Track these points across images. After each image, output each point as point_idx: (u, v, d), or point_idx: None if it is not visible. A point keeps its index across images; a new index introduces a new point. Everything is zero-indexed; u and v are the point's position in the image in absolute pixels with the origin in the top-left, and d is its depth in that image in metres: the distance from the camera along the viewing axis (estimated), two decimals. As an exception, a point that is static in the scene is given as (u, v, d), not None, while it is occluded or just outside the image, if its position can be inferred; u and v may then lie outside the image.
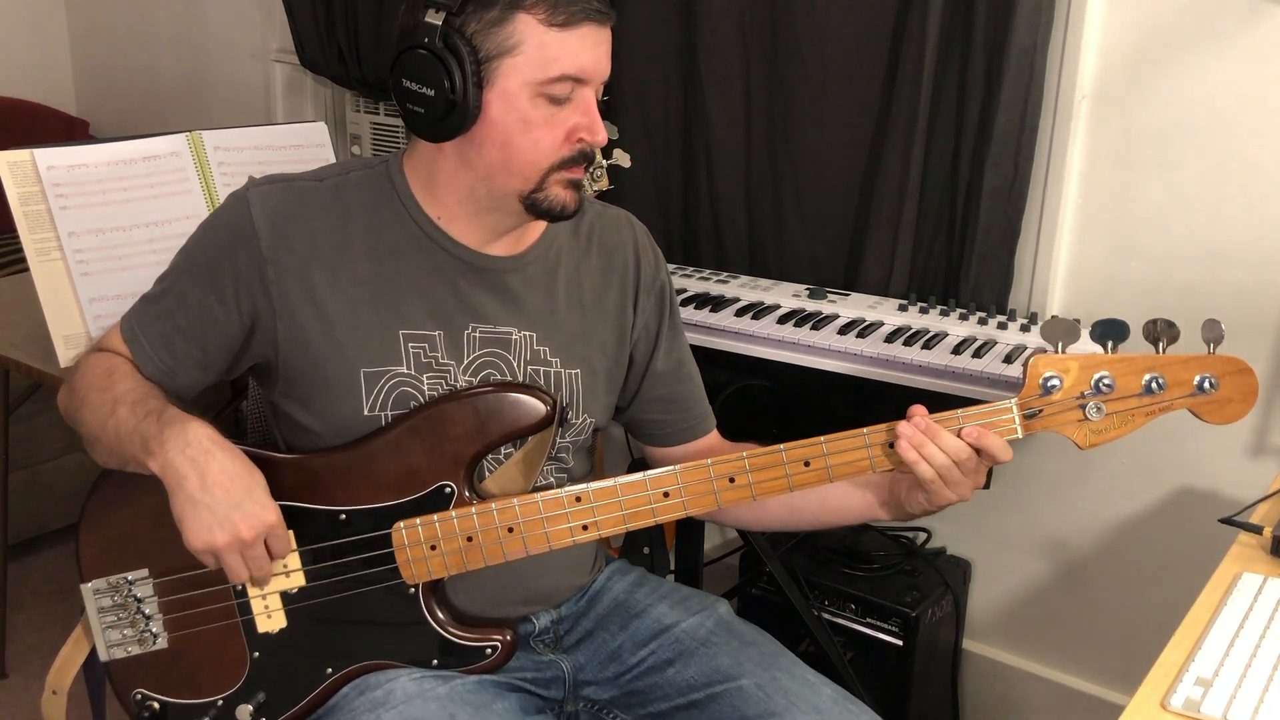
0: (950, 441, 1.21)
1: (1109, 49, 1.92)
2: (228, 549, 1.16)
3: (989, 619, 2.29)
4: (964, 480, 1.23)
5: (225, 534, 1.15)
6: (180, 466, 1.15)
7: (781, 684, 1.30)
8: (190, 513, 1.15)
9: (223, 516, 1.15)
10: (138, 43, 3.58)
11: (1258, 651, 1.12)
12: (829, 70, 2.11)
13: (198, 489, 1.15)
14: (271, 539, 1.20)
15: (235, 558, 1.18)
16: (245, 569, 1.19)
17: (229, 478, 1.16)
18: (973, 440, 1.21)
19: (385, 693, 1.25)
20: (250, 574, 1.20)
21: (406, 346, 1.28)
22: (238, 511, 1.16)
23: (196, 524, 1.15)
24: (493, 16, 1.18)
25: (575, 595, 1.45)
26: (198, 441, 1.16)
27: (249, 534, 1.16)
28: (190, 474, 1.15)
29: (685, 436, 1.48)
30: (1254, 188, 1.84)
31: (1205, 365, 1.21)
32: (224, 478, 1.16)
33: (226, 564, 1.18)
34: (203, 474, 1.15)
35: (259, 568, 1.20)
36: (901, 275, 2.09)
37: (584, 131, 1.23)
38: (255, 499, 1.17)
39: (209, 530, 1.15)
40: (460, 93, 1.18)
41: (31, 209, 1.80)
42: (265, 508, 1.18)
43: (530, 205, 1.26)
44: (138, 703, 1.30)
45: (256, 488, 1.18)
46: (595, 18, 1.20)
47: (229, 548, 1.16)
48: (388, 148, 2.97)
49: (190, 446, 1.16)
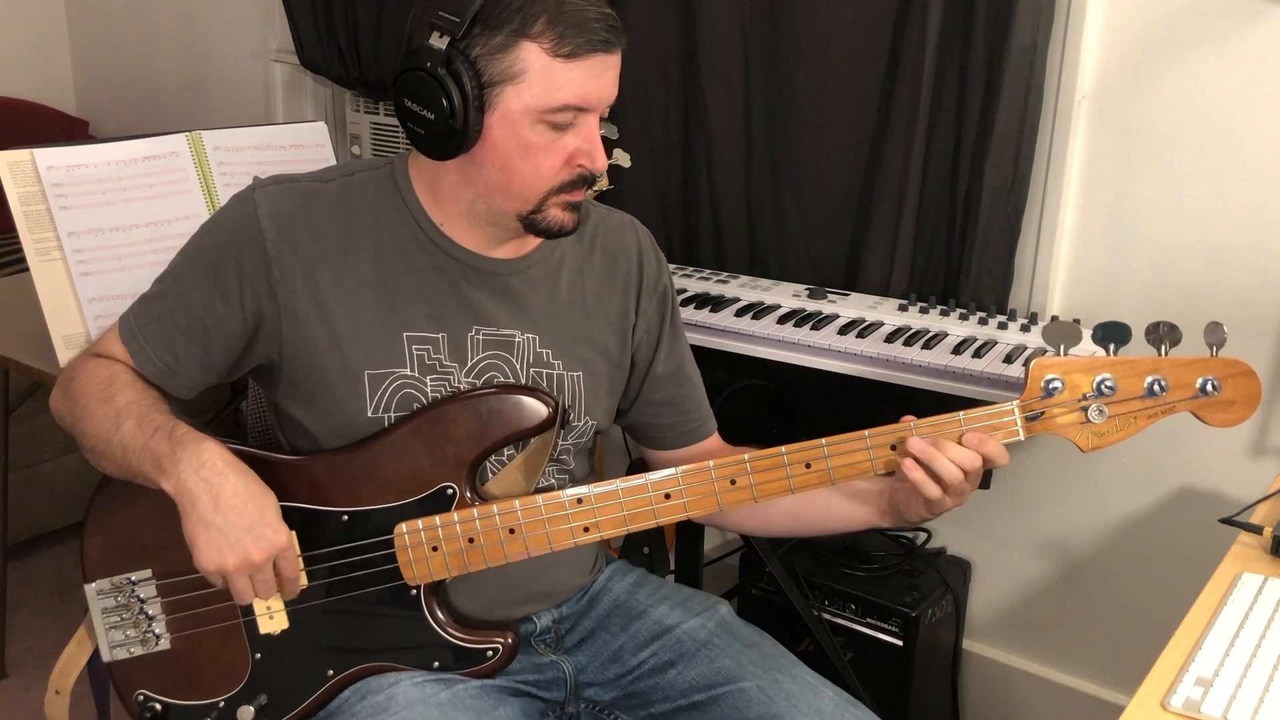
0: (959, 454, 1.20)
1: (1109, 49, 1.92)
2: (237, 571, 1.16)
3: (989, 619, 2.29)
4: (965, 488, 1.23)
5: (236, 556, 1.15)
6: (194, 487, 1.15)
7: (783, 686, 1.30)
8: (202, 534, 1.15)
9: (234, 540, 1.15)
10: (138, 43, 3.57)
11: (1258, 652, 1.12)
12: (829, 70, 2.11)
13: (210, 510, 1.15)
14: (281, 561, 1.20)
15: (244, 580, 1.18)
16: (251, 591, 1.19)
17: (241, 500, 1.16)
18: (974, 447, 1.21)
19: (387, 698, 1.25)
20: (257, 595, 1.20)
21: (410, 348, 1.28)
22: (249, 535, 1.16)
23: (209, 546, 1.15)
24: (498, 43, 1.17)
25: (576, 595, 1.45)
26: (211, 463, 1.16)
27: (259, 557, 1.16)
28: (203, 495, 1.15)
29: (685, 440, 1.48)
30: (1254, 188, 1.84)
31: (1208, 368, 1.21)
32: (236, 500, 1.16)
33: (234, 586, 1.18)
34: (216, 495, 1.15)
35: (266, 590, 1.20)
36: (901, 275, 2.09)
37: (584, 158, 1.23)
38: (267, 521, 1.17)
39: (220, 553, 1.15)
40: (460, 118, 1.18)
41: (31, 209, 1.80)
42: (277, 531, 1.18)
43: (529, 225, 1.26)
44: (140, 704, 1.30)
45: (269, 510, 1.18)
46: (603, 48, 1.19)
47: (239, 570, 1.16)
48: (388, 148, 2.97)
49: (204, 468, 1.16)
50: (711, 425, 1.50)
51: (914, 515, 1.28)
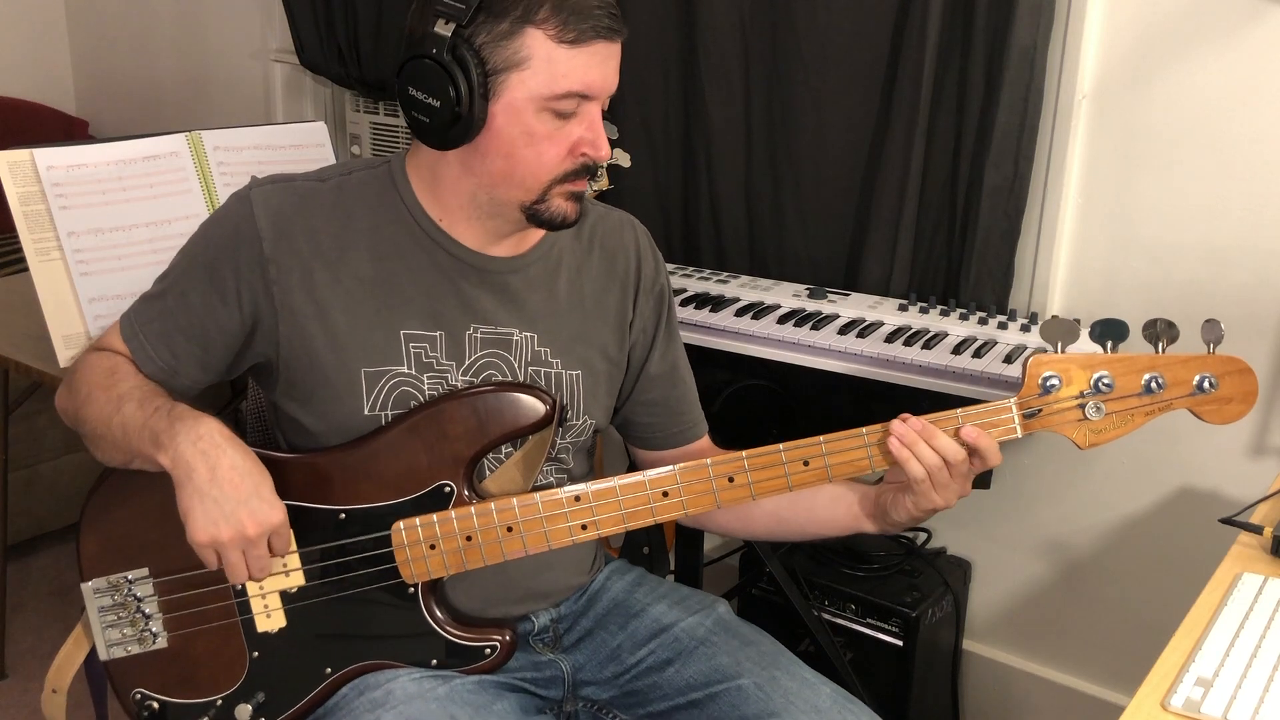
0: (945, 443, 1.21)
1: (1109, 49, 1.92)
2: (231, 544, 1.16)
3: (989, 619, 2.28)
4: (951, 484, 1.22)
5: (230, 529, 1.15)
6: (191, 459, 1.15)
7: (781, 683, 1.30)
8: (197, 505, 1.15)
9: (229, 511, 1.15)
10: (138, 43, 3.58)
11: (1258, 652, 1.12)
12: (829, 70, 2.11)
13: (206, 482, 1.15)
14: (274, 537, 1.20)
15: (237, 554, 1.17)
16: (245, 567, 1.19)
17: (238, 474, 1.16)
18: (971, 440, 1.21)
19: (385, 693, 1.25)
20: (250, 573, 1.20)
21: (407, 346, 1.28)
22: (244, 508, 1.16)
23: (203, 517, 1.15)
24: (503, 30, 1.17)
25: (574, 594, 1.45)
26: (209, 435, 1.16)
27: (254, 530, 1.16)
28: (200, 467, 1.15)
29: (675, 441, 1.48)
30: (1254, 187, 1.84)
31: (1205, 365, 1.21)
32: (233, 473, 1.16)
33: (228, 560, 1.18)
34: (213, 467, 1.15)
35: (260, 567, 1.20)
36: (901, 275, 2.09)
37: (588, 146, 1.23)
38: (263, 496, 1.17)
39: (214, 524, 1.15)
40: (466, 105, 1.18)
41: (31, 209, 1.80)
42: (272, 506, 1.18)
43: (531, 215, 1.26)
44: (137, 702, 1.30)
45: (264, 485, 1.18)
46: (606, 35, 1.19)
47: (232, 543, 1.16)
48: (388, 148, 2.97)
49: (202, 440, 1.16)
50: (702, 428, 1.50)
51: (900, 513, 1.27)
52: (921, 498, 1.23)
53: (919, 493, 1.23)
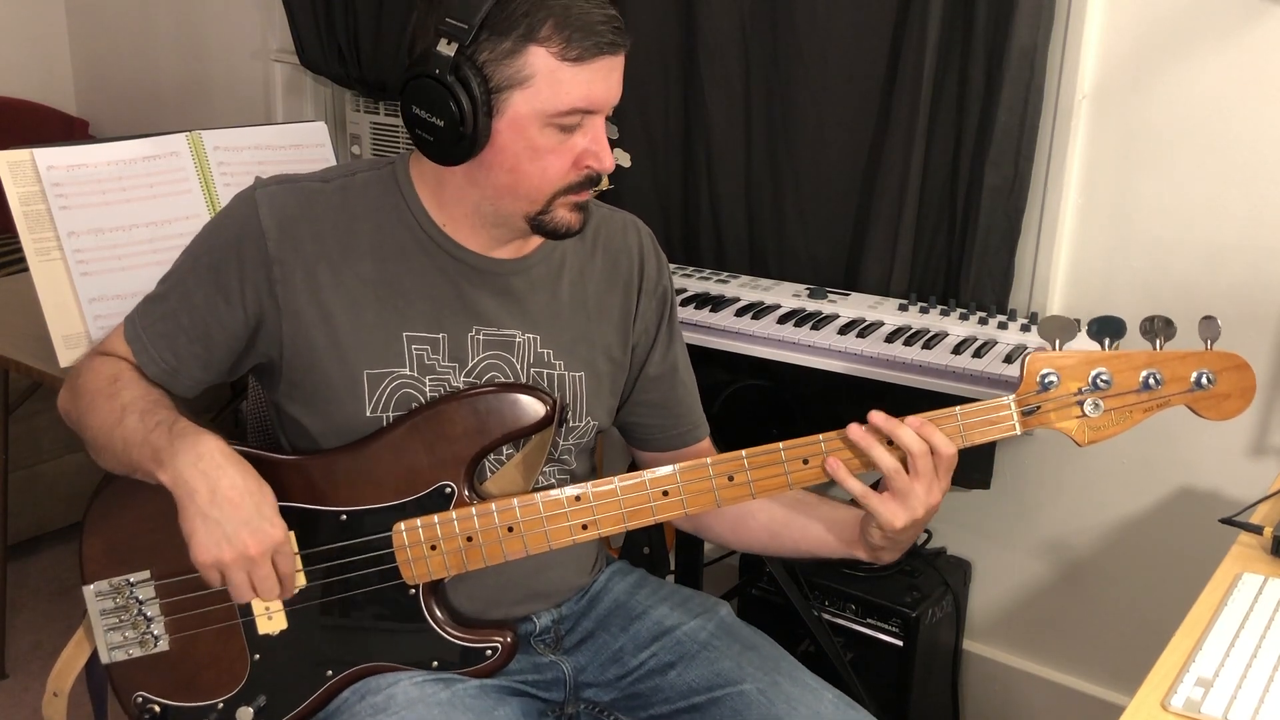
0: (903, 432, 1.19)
1: (1109, 49, 1.92)
2: (234, 565, 1.16)
3: (989, 619, 2.29)
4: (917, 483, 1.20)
5: (232, 550, 1.15)
6: (191, 480, 1.15)
7: (783, 689, 1.30)
8: (200, 526, 1.15)
9: (231, 532, 1.15)
10: (138, 43, 3.57)
11: (1258, 652, 1.12)
12: (829, 70, 2.11)
13: (207, 503, 1.15)
14: (278, 556, 1.19)
15: (241, 574, 1.17)
16: (250, 587, 1.18)
17: (239, 493, 1.16)
18: (915, 428, 1.19)
19: (386, 698, 1.24)
20: (258, 593, 1.19)
21: (410, 348, 1.28)
22: (246, 528, 1.16)
23: (205, 539, 1.15)
24: (506, 48, 1.17)
25: (576, 595, 1.45)
26: (210, 455, 1.16)
27: (256, 550, 1.16)
28: (201, 487, 1.15)
29: (674, 443, 1.48)
30: (1253, 187, 1.84)
31: (1202, 361, 1.21)
32: (234, 493, 1.16)
33: (232, 581, 1.17)
34: (213, 488, 1.15)
35: (266, 587, 1.19)
36: (901, 275, 2.09)
37: (592, 159, 1.23)
38: (264, 515, 1.17)
39: (217, 545, 1.15)
40: (469, 124, 1.18)
41: (31, 209, 1.80)
42: (274, 525, 1.18)
43: (536, 226, 1.26)
44: (138, 705, 1.30)
45: (266, 504, 1.18)
46: (609, 50, 1.19)
47: (235, 564, 1.16)
48: (388, 148, 2.97)
49: (202, 460, 1.16)
50: (703, 430, 1.50)
51: (874, 537, 1.25)
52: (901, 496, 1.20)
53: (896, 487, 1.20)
